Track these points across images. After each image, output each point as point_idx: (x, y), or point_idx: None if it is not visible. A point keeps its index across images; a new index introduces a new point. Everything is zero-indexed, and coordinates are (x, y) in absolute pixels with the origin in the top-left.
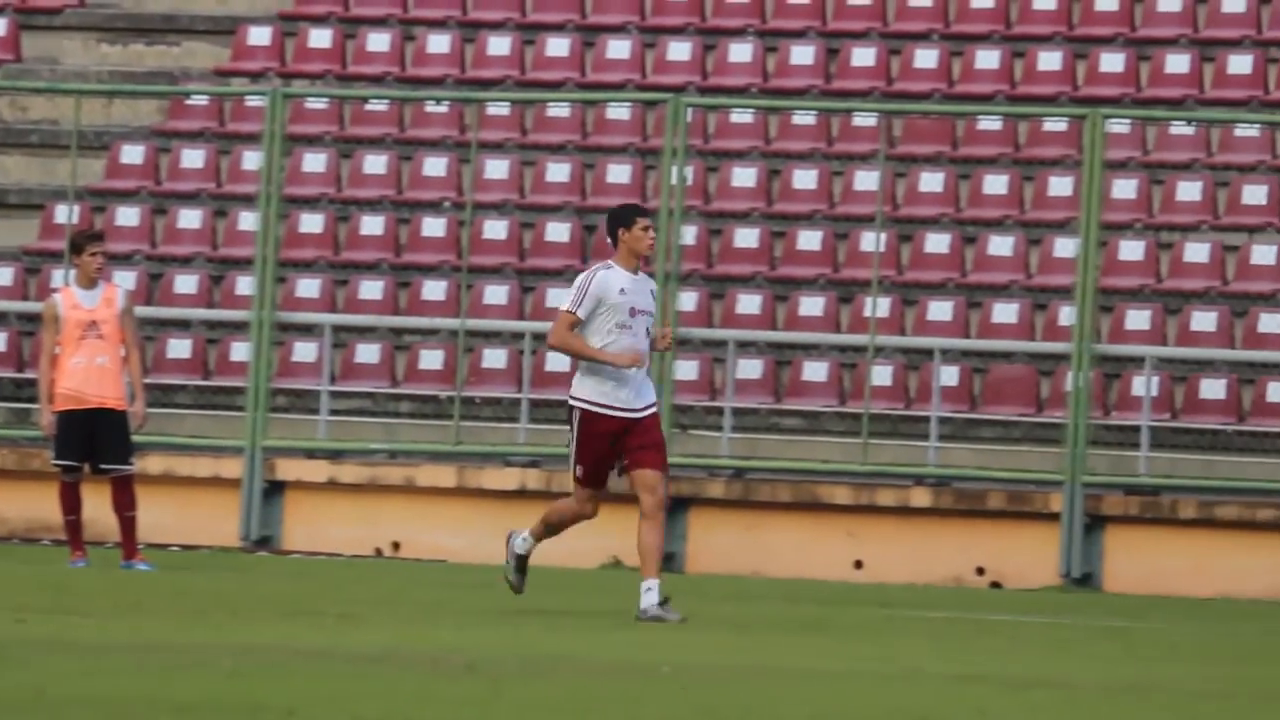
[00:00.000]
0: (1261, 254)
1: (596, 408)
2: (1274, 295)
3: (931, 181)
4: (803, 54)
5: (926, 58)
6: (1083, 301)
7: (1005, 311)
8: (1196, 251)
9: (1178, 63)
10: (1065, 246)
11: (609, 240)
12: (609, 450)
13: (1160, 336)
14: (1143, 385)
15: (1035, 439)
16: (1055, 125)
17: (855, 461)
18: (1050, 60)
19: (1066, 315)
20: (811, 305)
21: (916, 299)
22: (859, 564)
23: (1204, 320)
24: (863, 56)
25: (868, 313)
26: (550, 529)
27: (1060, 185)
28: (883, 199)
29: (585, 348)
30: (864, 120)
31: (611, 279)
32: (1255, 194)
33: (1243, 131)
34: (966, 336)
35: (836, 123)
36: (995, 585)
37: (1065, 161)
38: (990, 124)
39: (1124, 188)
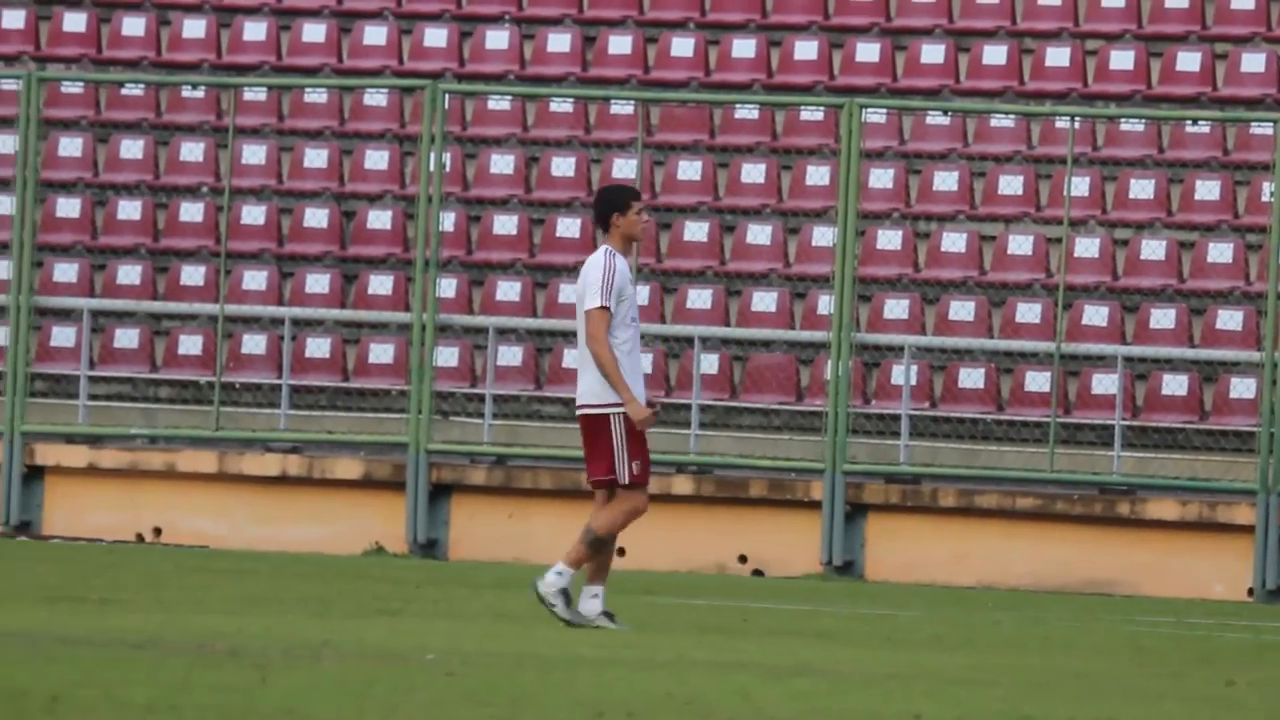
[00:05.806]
0: (1018, 244)
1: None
2: (1031, 285)
3: (689, 169)
4: (560, 41)
5: (684, 46)
6: (841, 290)
7: (764, 300)
8: (954, 241)
9: (933, 53)
10: (824, 235)
11: (598, 226)
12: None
13: (919, 326)
14: (902, 374)
15: (796, 427)
16: (812, 115)
17: None
18: (807, 50)
19: (825, 304)
20: (571, 292)
21: (676, 286)
22: (621, 551)
23: (962, 310)
24: (619, 44)
25: None
26: (600, 543)
27: (818, 174)
28: (641, 185)
29: (618, 371)
30: (621, 108)
31: (624, 267)
32: (1011, 184)
33: (998, 122)
34: (726, 324)
35: (594, 110)
36: (758, 573)
37: (822, 150)
38: (747, 113)
39: (881, 177)
